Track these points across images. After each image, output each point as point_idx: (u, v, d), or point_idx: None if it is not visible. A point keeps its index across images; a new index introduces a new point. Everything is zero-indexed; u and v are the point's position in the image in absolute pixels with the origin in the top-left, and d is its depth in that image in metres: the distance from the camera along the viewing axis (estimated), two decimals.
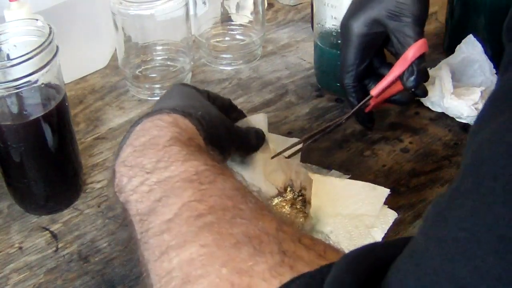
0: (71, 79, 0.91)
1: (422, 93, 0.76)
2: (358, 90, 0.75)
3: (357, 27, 0.73)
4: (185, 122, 0.53)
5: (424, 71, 0.71)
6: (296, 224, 0.62)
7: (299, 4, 1.11)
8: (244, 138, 0.63)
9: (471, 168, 0.29)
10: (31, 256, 0.66)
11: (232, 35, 0.98)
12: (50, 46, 0.63)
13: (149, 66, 0.92)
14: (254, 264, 0.37)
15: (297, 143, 0.70)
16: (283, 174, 0.67)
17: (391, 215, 0.64)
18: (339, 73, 0.76)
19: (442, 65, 0.84)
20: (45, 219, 0.70)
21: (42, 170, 0.68)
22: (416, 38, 0.69)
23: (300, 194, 0.66)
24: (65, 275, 0.64)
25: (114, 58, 0.94)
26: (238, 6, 0.97)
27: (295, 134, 0.79)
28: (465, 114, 0.79)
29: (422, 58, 0.70)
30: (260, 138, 0.65)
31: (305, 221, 0.63)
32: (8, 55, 0.67)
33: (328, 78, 0.85)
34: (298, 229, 0.49)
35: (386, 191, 0.66)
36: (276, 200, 0.65)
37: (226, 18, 0.98)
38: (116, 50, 0.91)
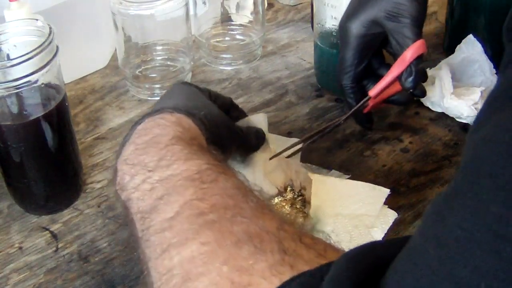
0: (71, 79, 0.91)
1: (420, 93, 0.76)
2: (356, 91, 0.75)
3: (355, 28, 0.72)
4: (188, 122, 0.53)
5: (422, 72, 0.71)
6: (296, 223, 0.62)
7: (299, 4, 1.11)
8: (244, 137, 0.63)
9: (469, 167, 0.29)
10: (31, 256, 0.66)
11: (232, 35, 0.98)
12: (50, 46, 0.63)
13: (149, 66, 0.92)
14: (254, 262, 0.37)
15: (295, 144, 0.70)
16: (283, 173, 0.67)
17: (391, 215, 0.64)
18: (337, 74, 0.76)
19: (442, 65, 0.84)
20: (45, 219, 0.70)
21: (42, 170, 0.68)
22: (414, 39, 0.69)
23: (300, 194, 0.66)
24: (65, 275, 0.64)
25: (114, 58, 0.94)
26: (238, 6, 0.97)
27: (295, 134, 0.79)
28: (465, 114, 0.80)
29: (420, 59, 0.70)
30: (260, 138, 0.66)
31: (304, 221, 0.63)
32: (8, 55, 0.67)
33: (328, 78, 0.85)
34: (299, 228, 0.49)
35: (386, 191, 0.66)
36: (276, 199, 0.65)
37: (226, 18, 0.98)
38: (116, 50, 0.91)
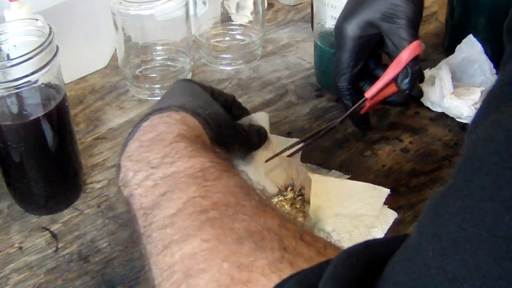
0: (71, 79, 0.91)
1: (417, 94, 0.75)
2: (352, 92, 0.75)
3: (351, 30, 0.72)
4: (192, 121, 0.54)
5: (418, 73, 0.71)
6: (297, 222, 0.63)
7: (299, 4, 1.11)
8: (246, 136, 0.63)
9: (464, 165, 0.30)
10: (31, 256, 0.66)
11: (232, 35, 0.98)
12: (50, 46, 0.63)
13: (149, 66, 0.92)
14: (254, 259, 0.38)
15: (290, 147, 0.70)
16: (285, 172, 0.67)
17: (391, 215, 0.64)
18: (334, 75, 0.76)
19: (442, 65, 0.84)
20: (45, 219, 0.70)
21: (42, 170, 0.68)
22: (410, 40, 0.68)
23: (300, 194, 0.66)
24: (65, 275, 0.64)
25: (114, 58, 0.94)
26: (238, 6, 0.97)
27: (295, 134, 0.79)
28: (465, 114, 0.79)
29: (416, 60, 0.69)
30: (262, 136, 0.66)
31: (304, 220, 0.63)
32: (8, 55, 0.67)
33: (328, 78, 0.85)
34: (300, 226, 0.49)
35: (386, 191, 0.66)
36: (276, 199, 0.66)
37: (226, 18, 0.98)
38: (116, 50, 0.91)
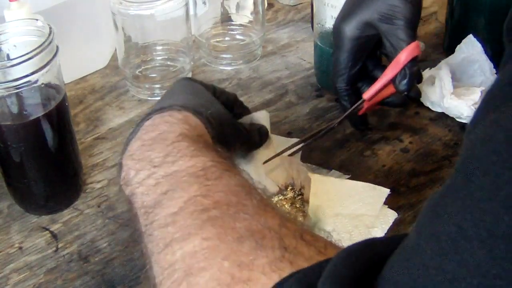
0: (71, 79, 0.91)
1: (415, 94, 0.75)
2: (351, 93, 0.74)
3: (349, 30, 0.72)
4: (194, 120, 0.54)
5: (416, 74, 0.70)
6: (298, 221, 0.63)
7: (299, 4, 1.11)
8: (248, 135, 0.63)
9: (463, 165, 0.30)
10: (31, 256, 0.66)
11: (232, 35, 0.98)
12: (50, 46, 0.63)
13: (149, 66, 0.92)
14: (255, 258, 0.38)
15: (289, 147, 0.70)
16: (285, 172, 0.67)
17: (391, 215, 0.64)
18: (332, 76, 0.75)
19: (442, 65, 0.84)
20: (45, 219, 0.70)
21: (42, 170, 0.68)
22: (408, 41, 0.68)
23: (300, 193, 0.66)
24: (65, 275, 0.64)
25: (114, 58, 0.94)
26: (238, 6, 0.97)
27: (295, 134, 0.79)
28: (465, 114, 0.79)
29: (414, 61, 0.69)
30: (263, 135, 0.66)
31: (304, 220, 0.63)
32: (8, 55, 0.67)
33: (328, 78, 0.85)
34: (300, 225, 0.49)
35: (386, 191, 0.66)
36: (276, 198, 0.66)
37: (226, 18, 0.98)
38: (116, 50, 0.91)
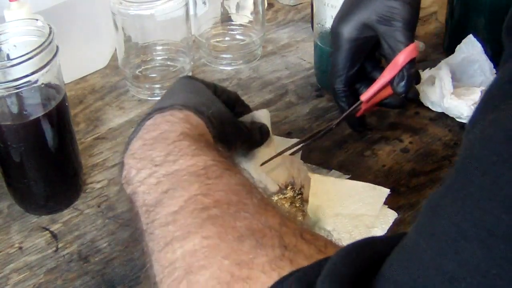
0: (71, 79, 0.91)
1: (413, 96, 0.75)
2: (348, 95, 0.74)
3: (347, 32, 0.71)
4: (196, 119, 0.54)
5: (414, 76, 0.70)
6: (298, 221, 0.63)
7: (299, 4, 1.11)
8: (249, 133, 0.63)
9: (463, 165, 0.30)
10: (31, 256, 0.66)
11: (232, 35, 0.98)
12: (50, 46, 0.63)
13: (149, 66, 0.92)
14: (255, 256, 0.38)
15: (288, 148, 0.69)
16: (286, 171, 0.67)
17: (391, 215, 0.64)
18: (329, 77, 0.75)
19: (442, 65, 0.84)
20: (45, 219, 0.70)
21: (42, 170, 0.68)
22: (406, 43, 0.68)
23: (300, 193, 0.66)
24: (65, 275, 0.64)
25: (114, 58, 0.94)
26: (238, 6, 0.97)
27: (295, 134, 0.79)
28: (465, 114, 0.79)
29: (412, 63, 0.69)
30: (264, 133, 0.66)
31: (303, 219, 0.63)
32: (8, 55, 0.67)
33: (328, 78, 0.85)
34: (300, 224, 0.49)
35: (386, 191, 0.66)
36: (276, 197, 0.66)
37: (226, 18, 0.98)
38: (116, 50, 0.91)
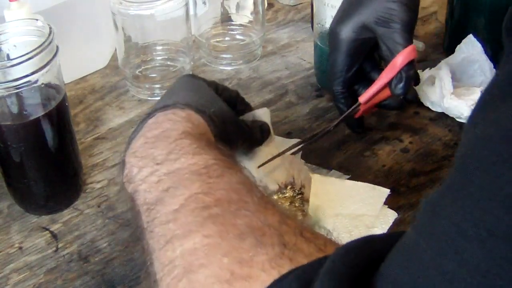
0: (71, 79, 0.91)
1: (412, 97, 0.75)
2: (347, 96, 0.74)
3: (345, 33, 0.71)
4: (197, 118, 0.54)
5: (413, 77, 0.70)
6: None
7: (299, 4, 1.11)
8: (250, 132, 0.63)
9: (463, 164, 0.30)
10: (31, 256, 0.66)
11: (232, 35, 0.98)
12: (50, 46, 0.63)
13: (149, 66, 0.92)
14: (254, 255, 0.38)
15: (287, 150, 0.69)
16: (286, 171, 0.67)
17: (391, 215, 0.64)
18: (328, 78, 0.75)
19: (442, 65, 0.84)
20: (45, 219, 0.70)
21: (42, 170, 0.68)
22: (405, 44, 0.68)
23: (299, 192, 0.66)
24: (65, 275, 0.64)
25: (114, 58, 0.94)
26: (238, 6, 0.97)
27: (295, 134, 0.79)
28: (465, 114, 0.79)
29: (411, 65, 0.69)
30: (265, 132, 0.66)
31: (303, 219, 0.63)
32: (8, 55, 0.67)
33: (328, 78, 0.85)
34: (300, 223, 0.49)
35: (386, 191, 0.66)
36: (275, 196, 0.66)
37: (226, 18, 0.98)
38: (116, 50, 0.91)
